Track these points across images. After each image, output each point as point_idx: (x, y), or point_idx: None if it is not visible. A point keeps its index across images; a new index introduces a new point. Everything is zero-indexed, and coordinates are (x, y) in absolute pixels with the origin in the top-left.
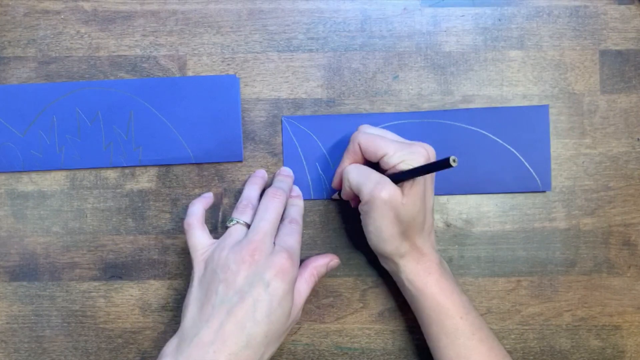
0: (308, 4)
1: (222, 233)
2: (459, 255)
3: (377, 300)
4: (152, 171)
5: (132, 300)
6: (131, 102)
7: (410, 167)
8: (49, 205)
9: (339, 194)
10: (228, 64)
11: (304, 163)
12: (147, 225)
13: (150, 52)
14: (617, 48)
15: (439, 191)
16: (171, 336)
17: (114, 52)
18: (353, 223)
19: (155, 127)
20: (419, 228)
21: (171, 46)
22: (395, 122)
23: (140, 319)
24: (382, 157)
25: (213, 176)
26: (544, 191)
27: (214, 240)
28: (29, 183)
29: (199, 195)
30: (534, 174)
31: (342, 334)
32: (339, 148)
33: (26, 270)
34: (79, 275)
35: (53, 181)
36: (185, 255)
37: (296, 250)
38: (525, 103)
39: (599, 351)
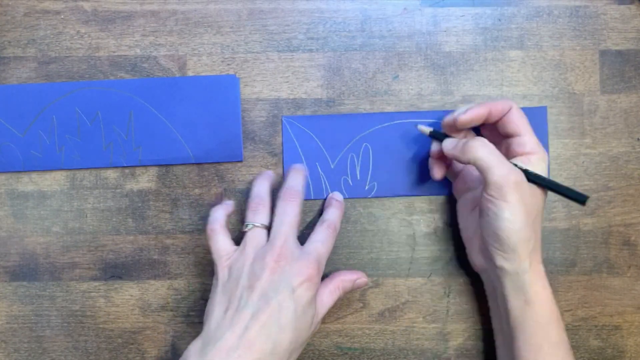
0: (308, 4)
1: None
2: (459, 255)
3: (377, 300)
4: (152, 171)
5: (132, 300)
6: (131, 102)
7: (541, 163)
8: (49, 205)
9: (431, 133)
10: (228, 64)
11: (304, 163)
12: (147, 225)
13: (150, 52)
14: (617, 48)
15: (439, 191)
16: (171, 336)
17: (114, 52)
18: (353, 223)
19: (155, 127)
20: (539, 222)
21: (171, 46)
22: (395, 122)
23: (140, 319)
24: (516, 136)
25: (213, 176)
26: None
27: (236, 246)
28: (29, 183)
29: (199, 195)
30: None
31: (342, 334)
32: (339, 148)
33: (26, 270)
34: (79, 275)
35: (53, 181)
36: (185, 255)
37: (325, 258)
38: (526, 103)
39: (599, 351)
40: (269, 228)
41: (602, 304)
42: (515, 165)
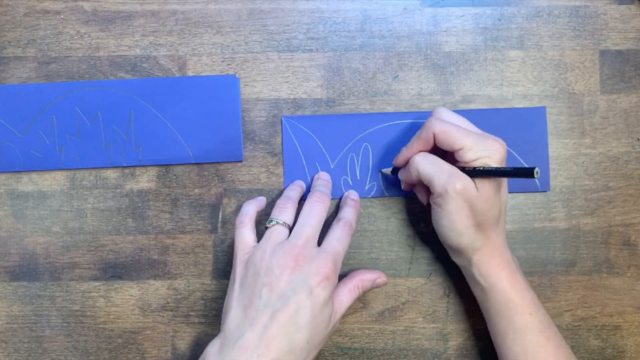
0: (308, 4)
1: (222, 233)
2: None
3: (377, 300)
4: (152, 171)
5: (132, 300)
6: (131, 102)
7: (487, 166)
8: (49, 205)
9: (392, 171)
10: (228, 64)
11: (304, 163)
12: (147, 225)
13: (150, 52)
14: (617, 48)
15: None
16: (171, 336)
17: (113, 52)
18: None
19: (155, 127)
20: (494, 222)
21: (171, 46)
22: (395, 122)
23: (140, 319)
24: (457, 151)
25: (213, 176)
26: (543, 191)
27: (257, 243)
28: (29, 183)
29: (199, 195)
30: None
31: (342, 334)
32: (339, 148)
33: (26, 270)
34: (79, 275)
35: (53, 181)
36: (185, 255)
37: (342, 256)
38: (525, 103)
39: (599, 351)
40: (290, 229)
41: (602, 304)
42: (462, 168)
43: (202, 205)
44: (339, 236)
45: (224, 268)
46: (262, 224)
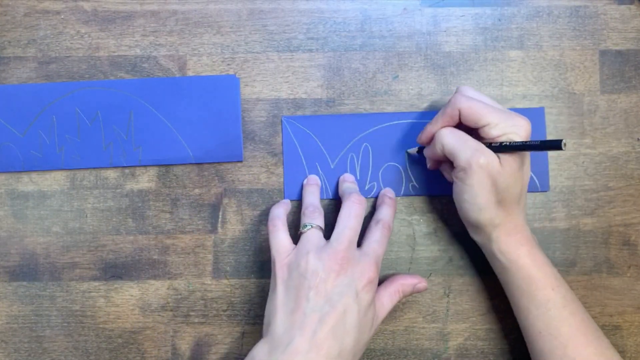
0: (308, 4)
1: (222, 233)
2: (459, 255)
3: None
4: (152, 171)
5: (132, 300)
6: (131, 102)
7: (513, 141)
8: (49, 205)
9: (418, 150)
10: (228, 64)
11: (304, 163)
12: (147, 225)
13: (150, 52)
14: (617, 48)
15: (439, 191)
16: (171, 336)
17: (114, 52)
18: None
19: (155, 127)
20: (515, 199)
21: (171, 46)
22: (395, 122)
23: (140, 319)
24: (483, 127)
25: (213, 176)
26: (543, 191)
27: (294, 245)
28: (29, 183)
29: (199, 195)
30: (532, 174)
31: None
32: (339, 148)
33: (26, 270)
34: (79, 275)
35: (53, 181)
36: (185, 255)
37: (381, 258)
38: (525, 103)
39: None
40: (323, 231)
41: (602, 304)
42: (489, 144)
43: (202, 205)
44: (378, 238)
45: (224, 268)
46: (262, 224)
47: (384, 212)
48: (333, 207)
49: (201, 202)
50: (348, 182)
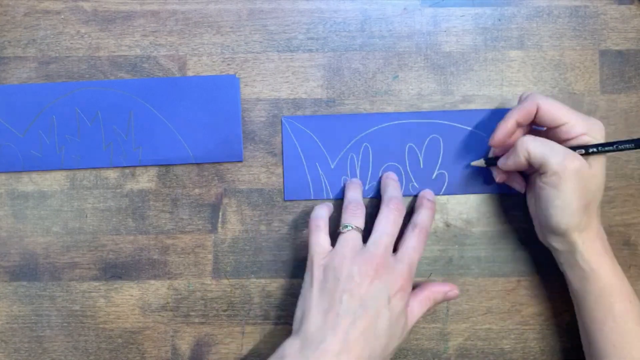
0: (308, 4)
1: (222, 233)
2: (459, 255)
3: None
4: (152, 171)
5: (132, 300)
6: (131, 102)
7: (596, 140)
8: (49, 205)
9: (486, 162)
10: (228, 64)
11: (304, 163)
12: (147, 225)
13: (150, 52)
14: (617, 48)
15: (439, 191)
16: (171, 336)
17: (114, 52)
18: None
19: (155, 127)
20: (597, 202)
21: (171, 46)
22: (395, 122)
23: (140, 319)
24: (561, 126)
25: (213, 176)
26: None
27: (332, 247)
28: (29, 183)
29: (199, 195)
30: None
31: None
32: (339, 148)
33: (26, 270)
34: (79, 275)
35: (53, 181)
36: (185, 255)
37: (416, 265)
38: None
39: None
40: (362, 232)
41: None
42: (572, 148)
43: (202, 205)
44: (414, 245)
45: (224, 268)
46: (262, 224)
47: (422, 216)
48: (334, 208)
49: (201, 202)
50: (391, 180)
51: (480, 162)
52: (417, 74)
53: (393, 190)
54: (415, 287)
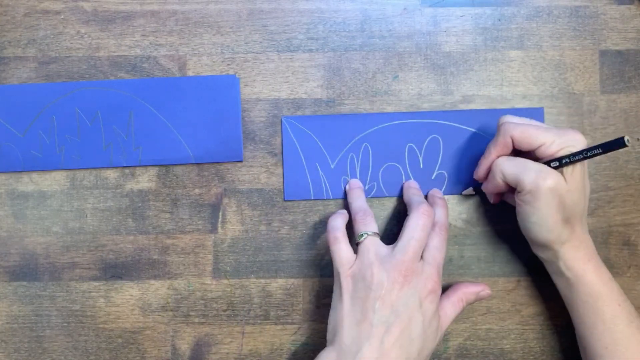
0: (308, 4)
1: (222, 233)
2: (459, 255)
3: None
4: (152, 171)
5: (132, 300)
6: (131, 102)
7: (571, 153)
8: (49, 205)
9: (474, 189)
10: (228, 64)
11: (304, 163)
12: (147, 225)
13: (150, 52)
14: (617, 48)
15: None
16: (171, 336)
17: (114, 52)
18: (352, 222)
19: (155, 127)
20: (580, 214)
21: (171, 46)
22: (395, 122)
23: (140, 319)
24: (538, 147)
25: (213, 176)
26: None
27: (355, 255)
28: (29, 183)
29: (199, 195)
30: None
31: None
32: (339, 148)
33: (26, 270)
34: (79, 275)
35: (53, 181)
36: (185, 255)
37: (442, 265)
38: (525, 103)
39: None
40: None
41: None
42: (547, 163)
43: (202, 205)
44: (437, 245)
45: (224, 268)
46: (262, 224)
47: (439, 214)
48: (335, 208)
49: (201, 202)
50: (413, 189)
51: (469, 191)
52: (417, 74)
53: (417, 193)
54: (446, 288)
